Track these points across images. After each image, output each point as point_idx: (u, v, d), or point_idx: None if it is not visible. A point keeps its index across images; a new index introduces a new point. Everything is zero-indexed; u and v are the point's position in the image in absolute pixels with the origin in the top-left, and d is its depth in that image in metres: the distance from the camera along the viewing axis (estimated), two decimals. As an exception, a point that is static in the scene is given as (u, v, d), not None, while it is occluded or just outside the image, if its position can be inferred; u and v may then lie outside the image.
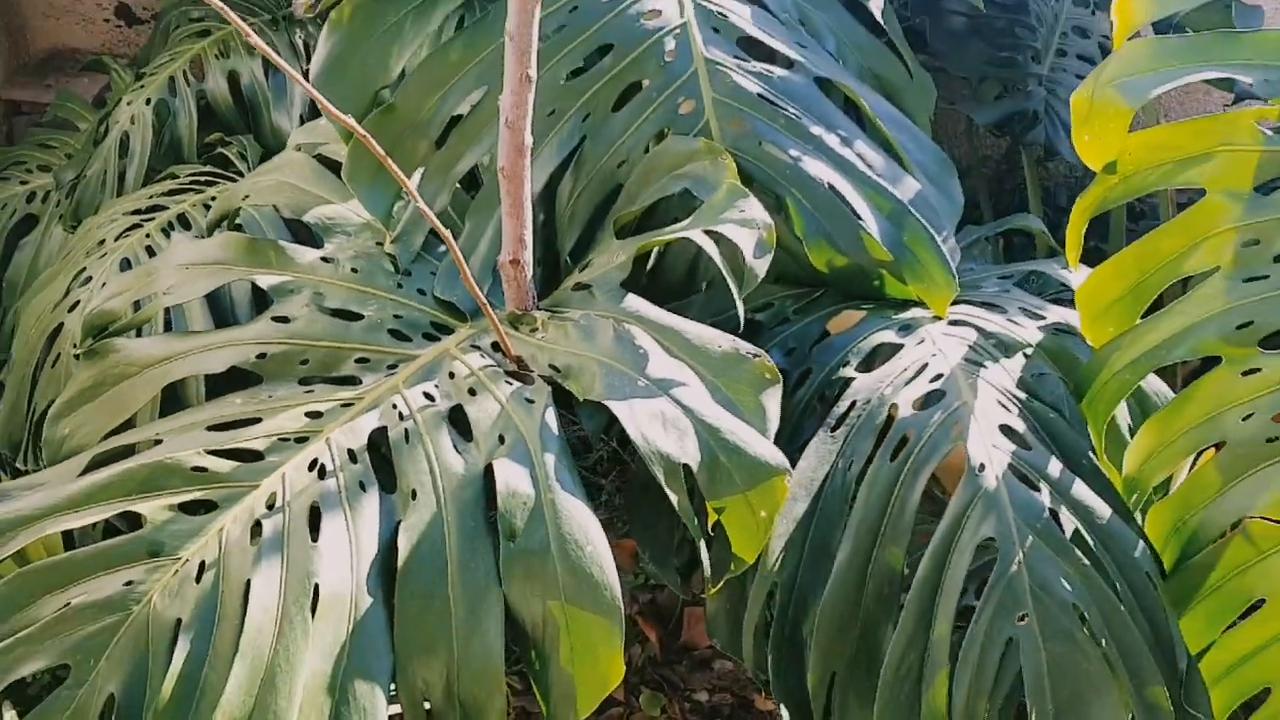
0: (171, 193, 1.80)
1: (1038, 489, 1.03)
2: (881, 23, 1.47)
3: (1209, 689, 1.02)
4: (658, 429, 1.04)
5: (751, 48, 1.34)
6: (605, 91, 1.31)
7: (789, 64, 1.34)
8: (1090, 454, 1.11)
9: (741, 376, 1.08)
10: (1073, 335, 1.23)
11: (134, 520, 1.05)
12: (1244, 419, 1.02)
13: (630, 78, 1.31)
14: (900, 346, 1.21)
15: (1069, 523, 1.02)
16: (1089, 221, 1.20)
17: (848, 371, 1.20)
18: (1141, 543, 1.03)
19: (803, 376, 1.24)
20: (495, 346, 1.21)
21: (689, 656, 1.68)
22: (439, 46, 1.30)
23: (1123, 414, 1.14)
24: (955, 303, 1.29)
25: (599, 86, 1.31)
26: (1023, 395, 1.14)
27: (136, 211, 1.74)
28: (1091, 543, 1.01)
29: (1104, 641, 0.96)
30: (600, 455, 1.95)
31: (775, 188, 1.28)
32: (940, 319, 1.26)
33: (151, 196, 1.80)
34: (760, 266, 1.14)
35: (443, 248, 1.32)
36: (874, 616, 1.05)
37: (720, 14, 1.34)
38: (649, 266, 1.34)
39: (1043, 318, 1.28)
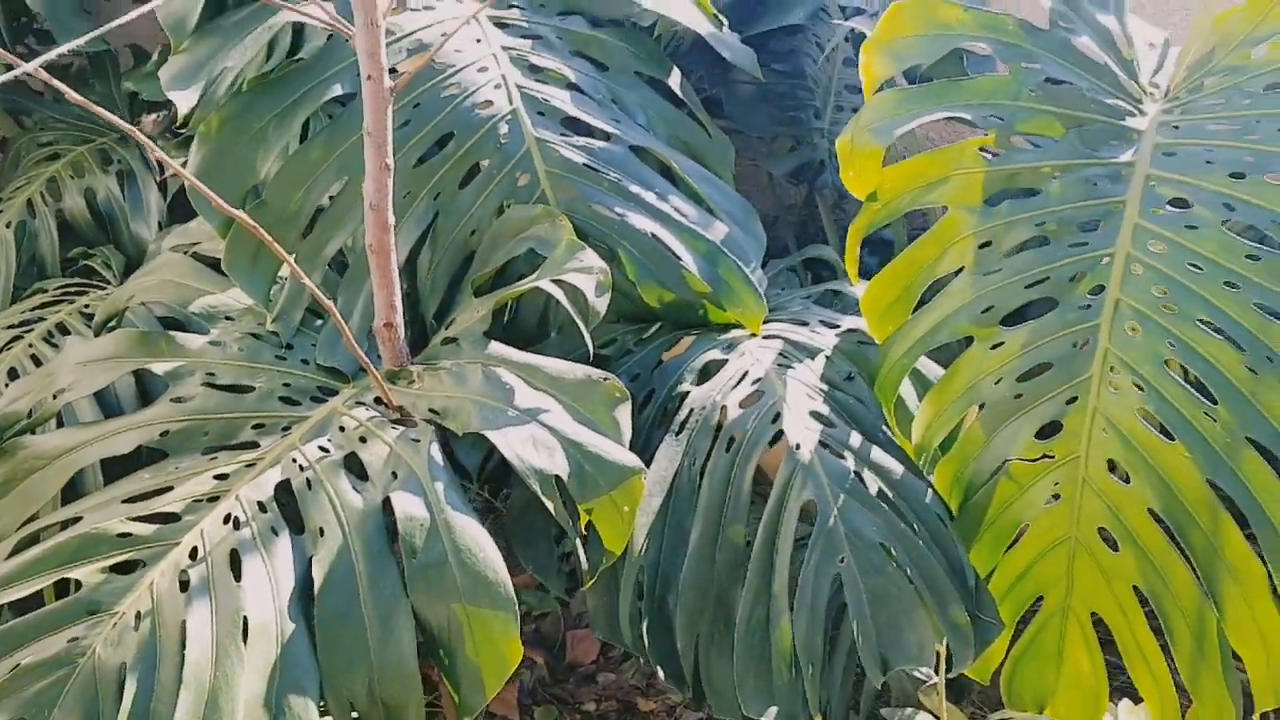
0: (44, 305, 1.90)
1: (844, 458, 1.26)
2: (682, 96, 1.71)
3: (998, 603, 1.25)
4: (530, 449, 1.22)
5: (574, 125, 1.57)
6: (451, 173, 1.50)
7: (607, 137, 1.57)
8: (884, 428, 1.34)
9: (596, 398, 1.28)
10: (863, 336, 1.47)
11: (67, 588, 1.17)
12: (996, 383, 1.27)
13: (472, 159, 1.51)
14: (726, 361, 1.43)
15: (872, 482, 1.24)
16: (876, 244, 1.45)
17: (685, 387, 1.41)
18: (930, 491, 1.26)
19: (648, 397, 1.45)
20: (378, 401, 1.37)
21: (575, 674, 1.84)
22: (300, 147, 1.47)
23: (909, 394, 1.38)
24: (767, 321, 1.53)
25: (445, 169, 1.50)
26: (825, 387, 1.37)
27: (12, 326, 1.84)
28: (891, 495, 1.24)
29: (909, 572, 1.18)
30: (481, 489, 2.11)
31: (607, 241, 1.50)
32: (755, 336, 1.49)
33: (24, 311, 1.90)
34: (601, 304, 1.35)
35: (318, 322, 1.48)
36: (726, 583, 1.25)
37: (544, 100, 1.56)
38: (506, 319, 1.53)
39: (839, 326, 1.52)
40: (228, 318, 1.48)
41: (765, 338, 1.48)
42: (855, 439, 1.28)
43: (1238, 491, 1.14)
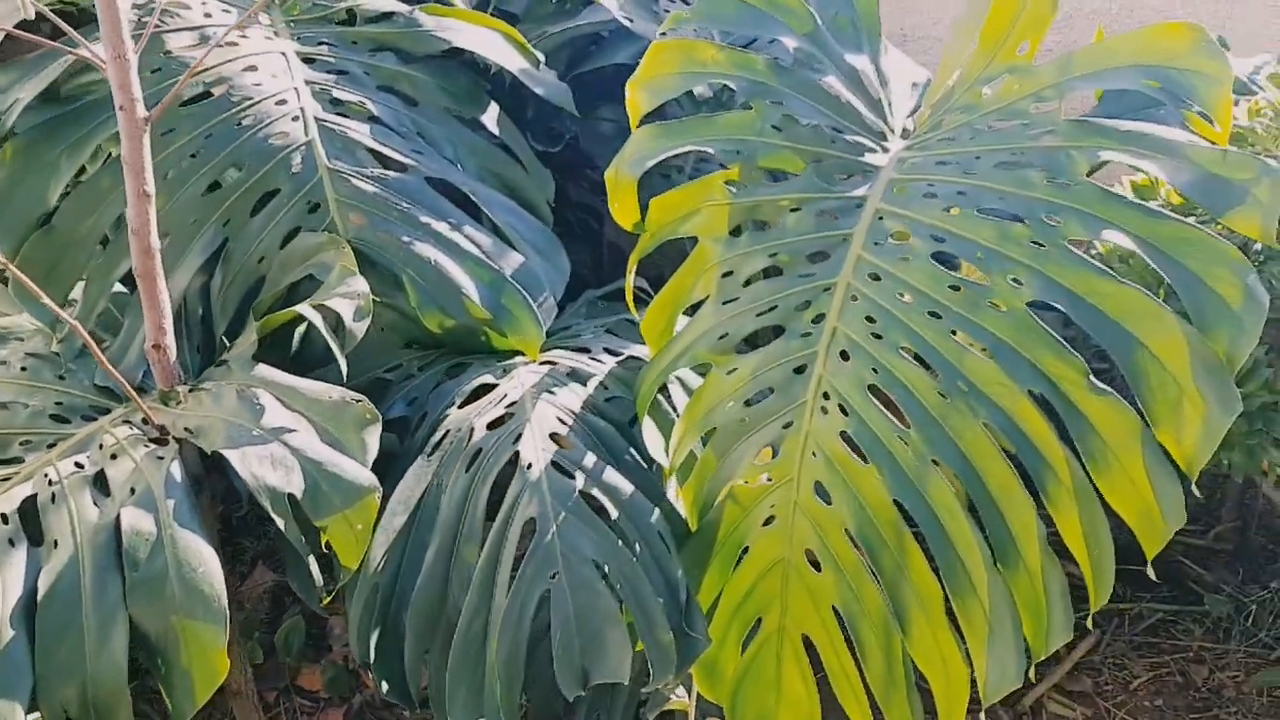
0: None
1: (573, 477, 1.29)
2: (497, 131, 1.76)
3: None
4: (266, 467, 1.26)
5: (373, 157, 1.61)
6: (241, 201, 1.55)
7: (403, 168, 1.62)
8: (633, 450, 1.37)
9: (346, 420, 1.32)
10: (643, 362, 1.50)
11: None
12: (727, 407, 1.30)
13: (265, 188, 1.56)
14: (496, 385, 1.47)
15: (600, 500, 1.27)
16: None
17: (451, 410, 1.44)
18: (657, 510, 1.29)
19: (421, 420, 1.48)
20: (146, 420, 1.41)
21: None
22: (90, 175, 1.52)
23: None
24: (551, 349, 1.57)
25: (235, 197, 1.55)
26: (580, 411, 1.40)
27: None
28: (616, 514, 1.27)
29: (619, 588, 1.21)
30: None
31: (393, 268, 1.54)
32: (533, 362, 1.53)
33: None
34: (359, 328, 1.39)
35: (105, 344, 1.53)
36: (457, 601, 1.28)
37: (341, 132, 1.61)
38: (297, 345, 1.57)
39: (622, 354, 1.55)
40: (18, 338, 1.52)
41: (541, 364, 1.52)
42: (590, 460, 1.31)
43: (922, 512, 1.17)
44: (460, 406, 1.45)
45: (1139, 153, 1.17)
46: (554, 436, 1.34)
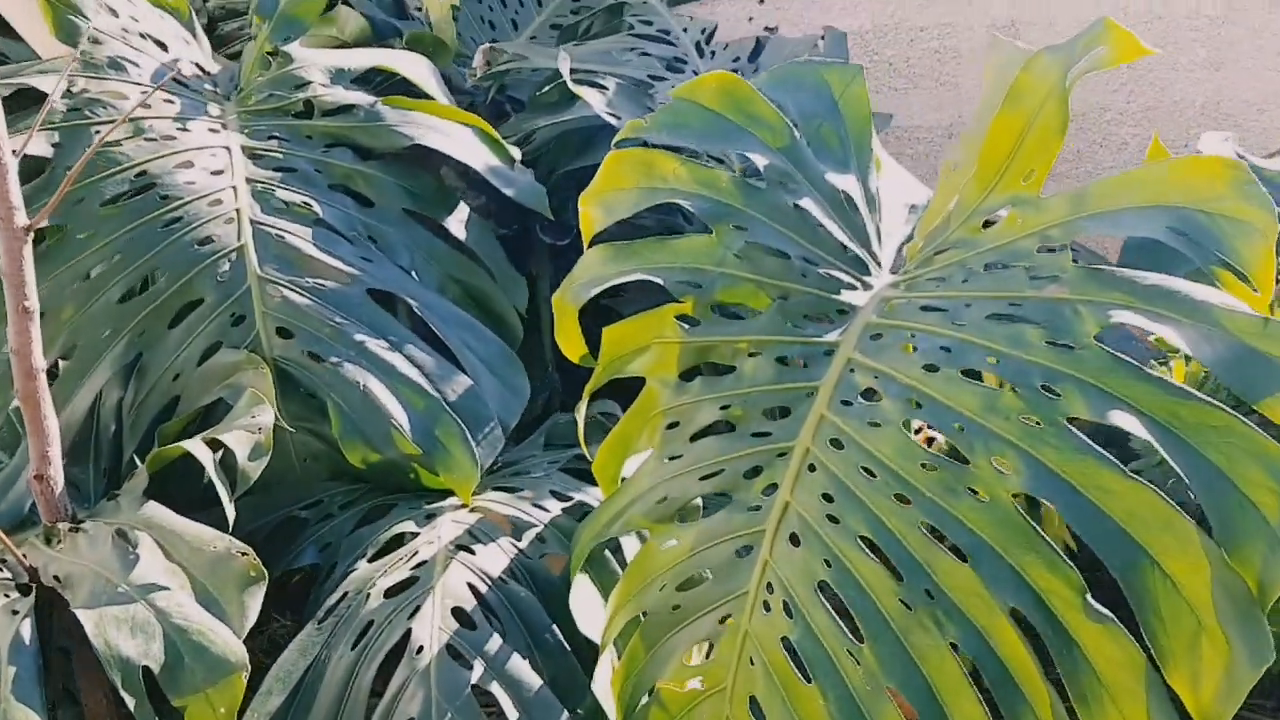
0: None
1: (470, 666, 1.09)
2: (463, 235, 1.60)
3: None
4: (124, 634, 1.09)
5: (312, 264, 1.46)
6: (158, 311, 1.41)
7: (346, 278, 1.46)
8: (554, 628, 1.17)
9: (228, 576, 1.15)
10: (589, 510, 1.31)
11: None
12: (660, 589, 1.10)
13: (186, 297, 1.41)
14: (418, 534, 1.29)
15: (498, 693, 1.07)
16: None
17: (360, 564, 1.26)
18: (566, 712, 1.08)
19: (330, 571, 1.30)
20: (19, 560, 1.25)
21: None
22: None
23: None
24: (489, 489, 1.38)
25: (154, 307, 1.41)
26: (501, 576, 1.21)
27: None
28: (515, 716, 1.06)
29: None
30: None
31: (317, 391, 1.38)
32: (465, 505, 1.34)
33: None
34: (254, 469, 1.22)
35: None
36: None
37: (279, 236, 1.46)
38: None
39: (571, 499, 1.36)
40: (-92, 456, 1.39)
41: (471, 510, 1.33)
42: (494, 644, 1.11)
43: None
44: (371, 560, 1.27)
45: (1159, 315, 0.95)
46: (457, 612, 1.14)
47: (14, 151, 1.17)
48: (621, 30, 2.01)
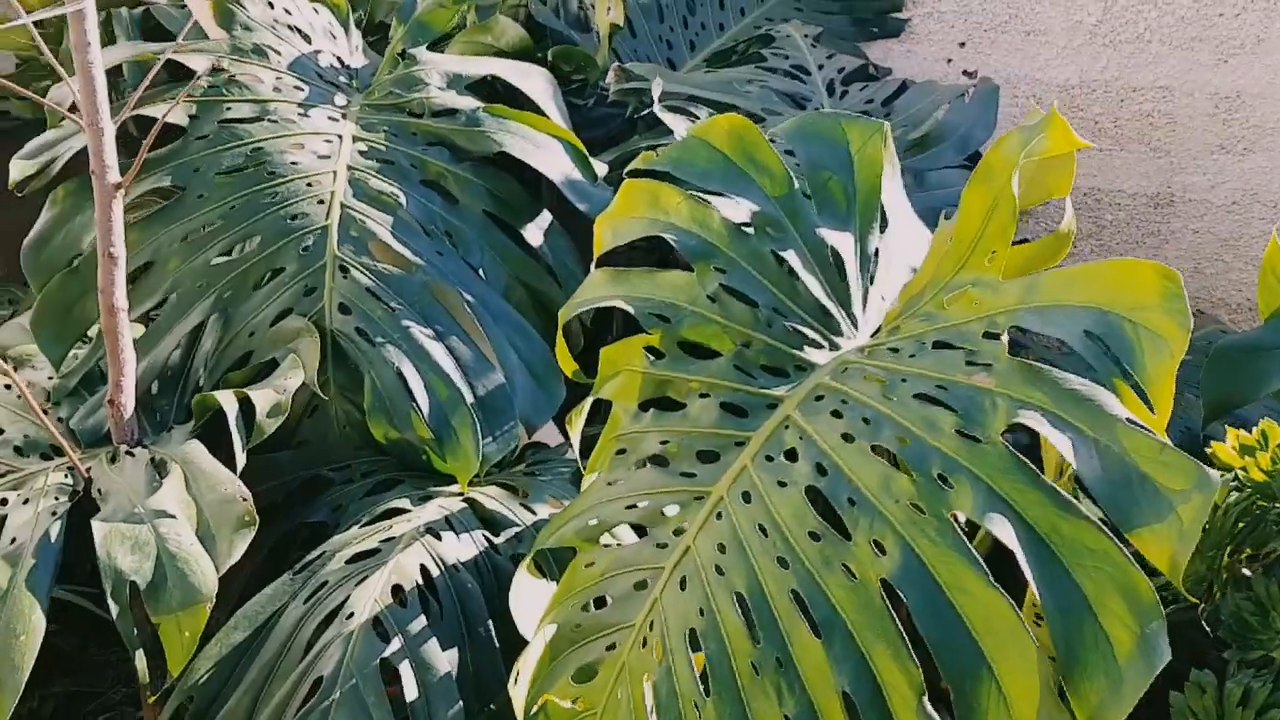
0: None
1: (388, 641, 1.17)
2: (538, 244, 1.68)
3: None
4: (125, 550, 1.25)
5: (383, 250, 1.59)
6: (248, 273, 1.57)
7: (411, 268, 1.57)
8: (489, 623, 1.24)
9: (227, 516, 1.29)
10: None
11: None
12: (571, 606, 1.14)
13: (272, 264, 1.57)
14: (407, 512, 1.38)
15: (404, 671, 1.15)
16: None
17: (353, 529, 1.37)
18: (459, 705, 1.14)
19: (335, 529, 1.42)
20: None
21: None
22: (121, 227, 1.60)
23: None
24: (491, 483, 1.46)
25: (244, 269, 1.57)
26: (457, 564, 1.28)
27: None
28: (414, 695, 1.14)
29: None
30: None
31: (361, 366, 1.50)
32: (462, 493, 1.42)
33: None
34: (270, 425, 1.36)
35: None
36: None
37: (362, 221, 1.59)
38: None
39: (563, 505, 1.41)
40: (33, 367, 1.62)
41: (466, 499, 1.41)
42: (418, 625, 1.19)
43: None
44: (362, 526, 1.37)
45: (1064, 420, 0.90)
46: (396, 589, 1.23)
47: (127, 120, 1.35)
48: (755, 62, 2.03)
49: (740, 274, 1.19)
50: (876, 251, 1.22)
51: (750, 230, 1.21)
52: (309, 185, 1.62)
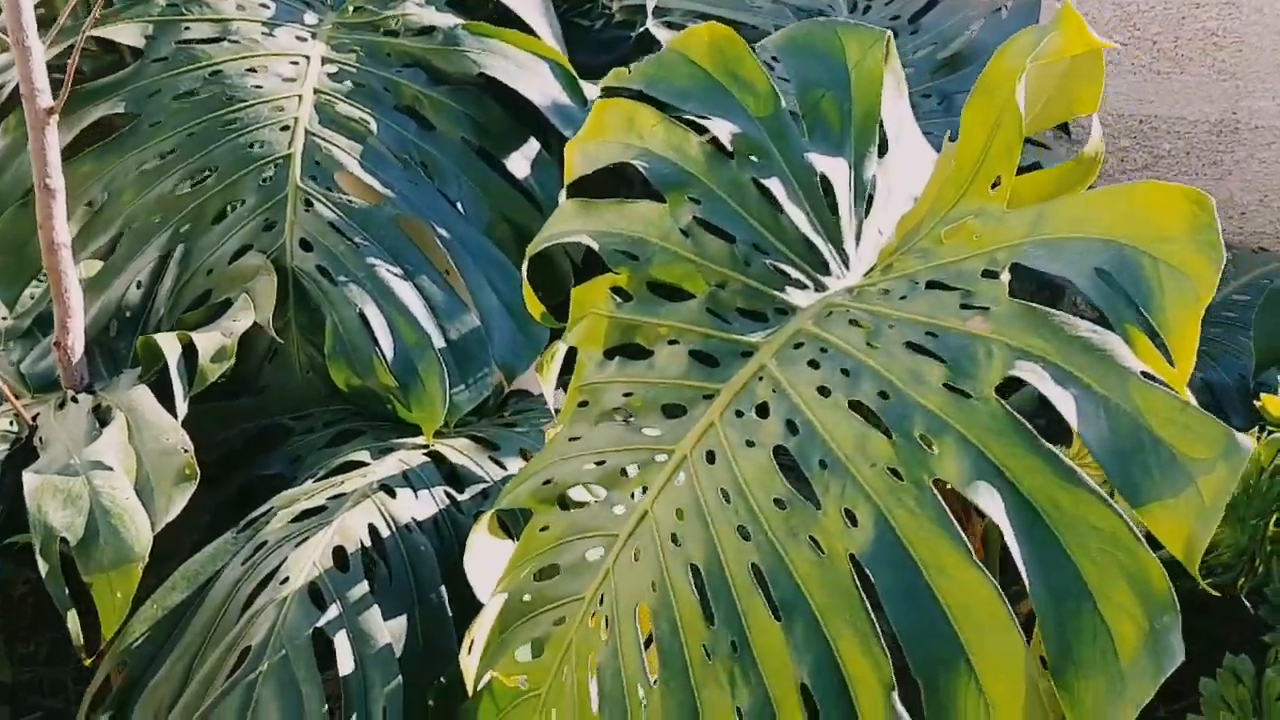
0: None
1: (323, 608, 1.07)
2: (523, 175, 1.55)
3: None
4: (56, 503, 1.16)
5: (349, 180, 1.47)
6: (206, 206, 1.46)
7: (379, 199, 1.45)
8: (441, 588, 1.13)
9: (168, 469, 1.19)
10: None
11: None
12: (523, 575, 1.03)
13: (231, 196, 1.47)
14: (365, 466, 1.28)
15: (339, 643, 1.05)
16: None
17: (307, 482, 1.27)
18: (398, 680, 1.04)
19: (291, 482, 1.32)
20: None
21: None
22: (73, 160, 1.49)
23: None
24: (466, 436, 1.35)
25: (201, 202, 1.47)
26: (410, 524, 1.18)
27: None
28: (349, 669, 1.04)
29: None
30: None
31: (322, 307, 1.40)
32: (427, 445, 1.32)
33: None
34: (213, 370, 1.26)
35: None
36: (191, 700, 1.10)
37: (328, 149, 1.47)
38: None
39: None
40: None
41: (427, 451, 1.30)
42: (358, 591, 1.09)
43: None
44: (316, 481, 1.27)
45: (1068, 373, 0.76)
46: (338, 552, 1.13)
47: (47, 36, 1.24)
48: (774, -25, 1.87)
49: (717, 205, 1.06)
50: (874, 179, 1.08)
51: (731, 157, 1.08)
52: (272, 111, 1.50)
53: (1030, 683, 0.70)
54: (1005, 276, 0.84)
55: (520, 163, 1.56)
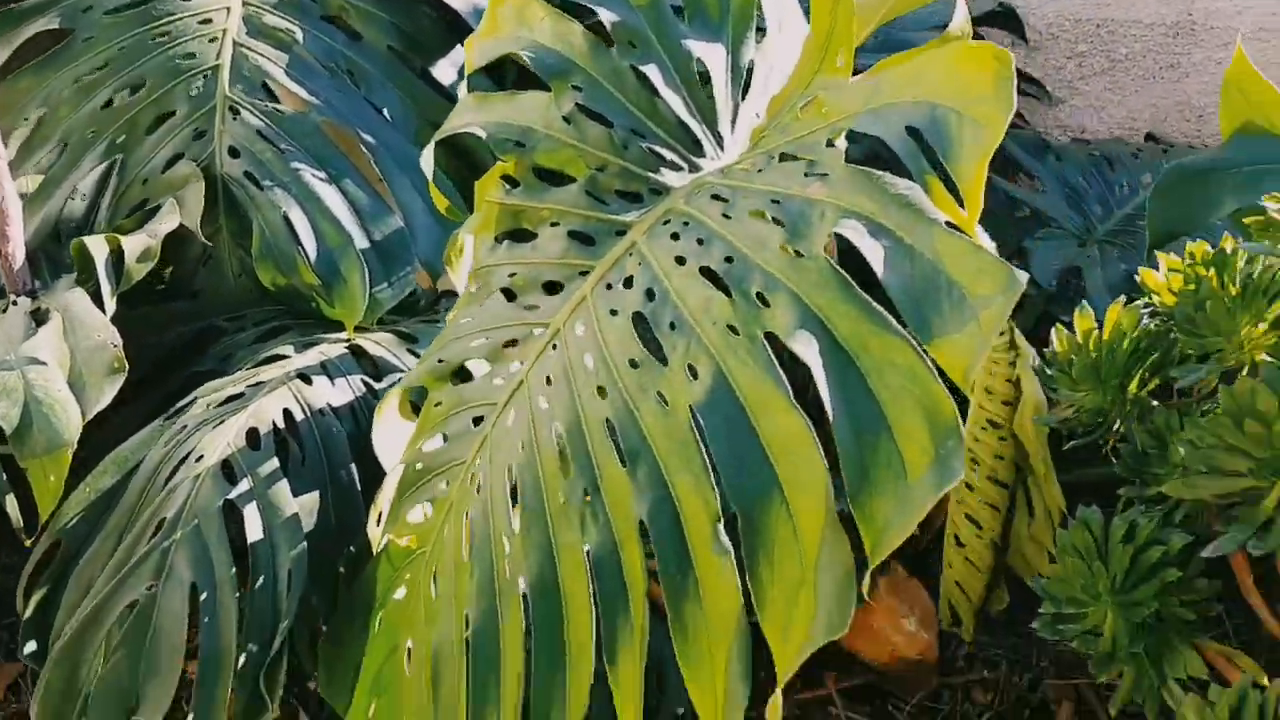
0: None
1: (235, 483, 1.14)
2: (448, 84, 1.59)
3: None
4: (-10, 394, 1.22)
5: (275, 89, 1.51)
6: (139, 118, 1.51)
7: (304, 107, 1.50)
8: (351, 466, 1.20)
9: (99, 363, 1.26)
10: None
11: None
12: (419, 446, 1.09)
13: (163, 108, 1.51)
14: (287, 358, 1.34)
15: (248, 514, 1.12)
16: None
17: (237, 372, 1.34)
18: (302, 545, 1.10)
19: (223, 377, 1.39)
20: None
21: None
22: (12, 75, 1.54)
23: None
24: (388, 331, 1.41)
25: (135, 114, 1.51)
26: (324, 409, 1.24)
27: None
28: (258, 536, 1.11)
29: (206, 620, 1.06)
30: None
31: (249, 211, 1.45)
32: (349, 339, 1.38)
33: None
34: (139, 270, 1.32)
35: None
36: (111, 578, 1.17)
37: (255, 60, 1.52)
38: (170, 272, 1.52)
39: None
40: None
41: (348, 345, 1.36)
42: (269, 467, 1.15)
43: (491, 650, 0.91)
44: (247, 370, 1.34)
45: (880, 226, 0.81)
46: (251, 433, 1.19)
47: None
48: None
49: (597, 92, 1.10)
50: (752, 64, 1.12)
51: (611, 45, 1.12)
52: (201, 23, 1.54)
53: (830, 506, 0.76)
54: (841, 143, 0.89)
55: (447, 70, 1.60)
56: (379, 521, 1.13)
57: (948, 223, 0.78)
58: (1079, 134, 2.14)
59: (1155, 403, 1.08)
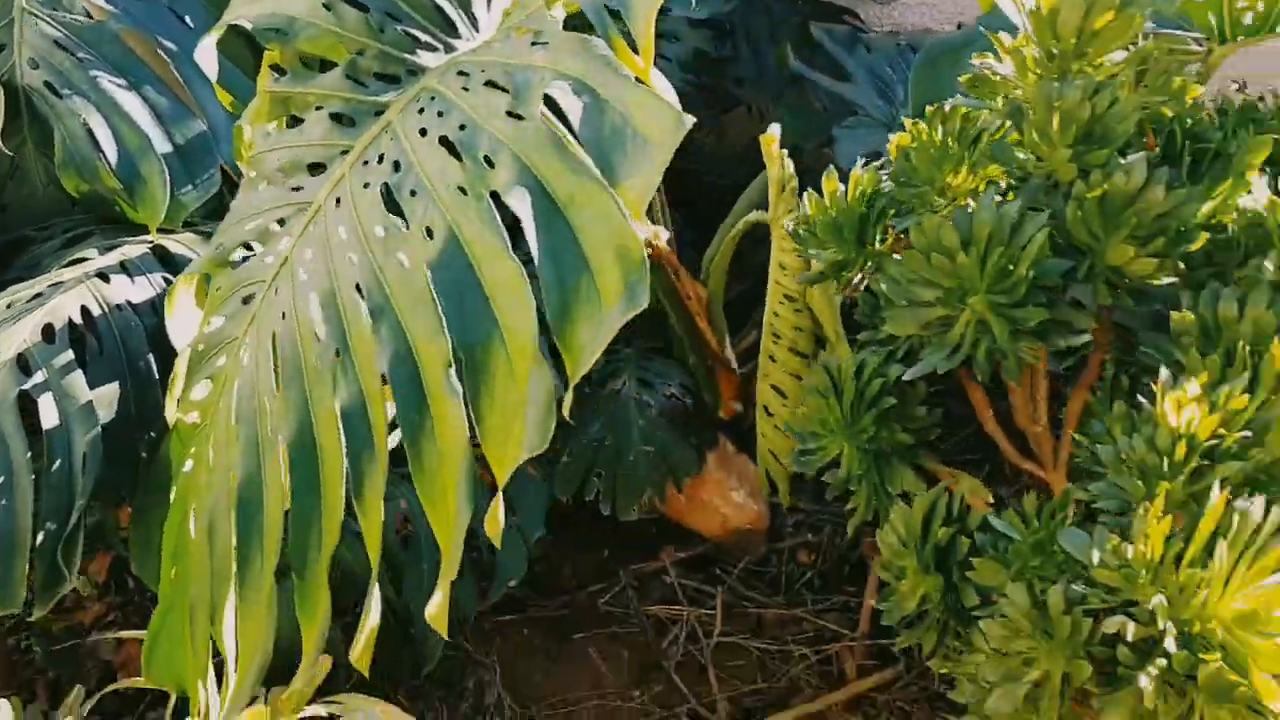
0: None
1: (30, 375, 1.18)
2: None
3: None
4: None
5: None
6: (-61, 35, 1.51)
7: (103, 15, 1.51)
8: (150, 357, 1.24)
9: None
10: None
11: None
12: (202, 329, 1.14)
13: (-36, 23, 1.51)
14: (90, 260, 1.37)
15: (44, 404, 1.16)
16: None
17: (48, 277, 1.36)
18: (96, 431, 1.15)
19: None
20: None
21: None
22: None
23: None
24: (193, 231, 1.44)
25: (-67, 31, 1.51)
26: (119, 304, 1.28)
27: None
28: (53, 423, 1.15)
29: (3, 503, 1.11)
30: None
31: (51, 121, 1.46)
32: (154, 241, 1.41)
33: None
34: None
35: None
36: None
37: (50, -31, 1.52)
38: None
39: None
40: None
41: (150, 245, 1.40)
42: (63, 359, 1.19)
43: (254, 490, 0.98)
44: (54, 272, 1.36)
45: (584, 85, 0.87)
46: (47, 329, 1.23)
47: None
48: None
49: (353, -20, 1.14)
50: (504, -52, 1.17)
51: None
52: (-6, -65, 1.53)
53: (536, 341, 0.83)
54: (559, 11, 0.95)
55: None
56: (178, 404, 1.18)
57: (637, 79, 0.85)
58: (917, 31, 2.22)
59: (896, 256, 1.17)
